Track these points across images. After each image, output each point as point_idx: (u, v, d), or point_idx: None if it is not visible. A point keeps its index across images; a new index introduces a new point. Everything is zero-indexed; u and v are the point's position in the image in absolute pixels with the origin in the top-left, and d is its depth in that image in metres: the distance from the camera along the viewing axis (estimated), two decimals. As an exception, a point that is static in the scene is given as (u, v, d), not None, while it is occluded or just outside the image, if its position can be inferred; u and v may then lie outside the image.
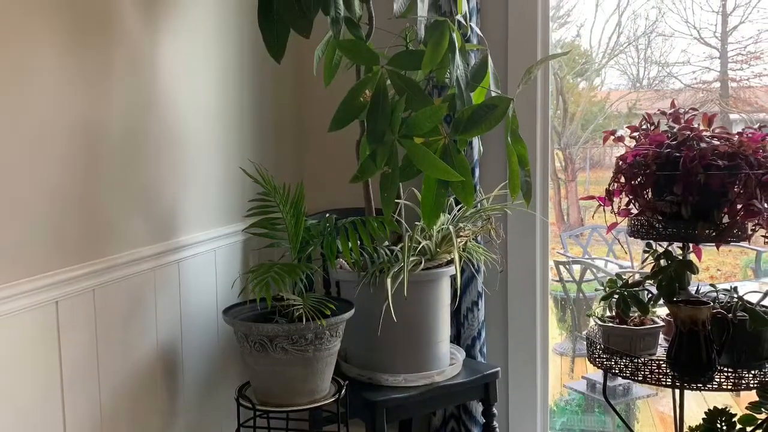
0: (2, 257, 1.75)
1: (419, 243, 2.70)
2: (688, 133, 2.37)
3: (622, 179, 2.47)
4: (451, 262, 2.74)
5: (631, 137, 2.54)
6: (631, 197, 2.47)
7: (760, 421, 2.34)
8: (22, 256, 1.81)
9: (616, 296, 2.46)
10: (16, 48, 1.79)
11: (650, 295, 2.48)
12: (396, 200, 2.53)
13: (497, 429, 2.93)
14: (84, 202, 2.03)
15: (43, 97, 1.87)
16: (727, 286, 2.51)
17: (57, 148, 1.92)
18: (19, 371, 1.81)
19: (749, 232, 2.37)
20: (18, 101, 1.79)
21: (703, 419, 2.40)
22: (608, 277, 2.60)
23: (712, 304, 2.29)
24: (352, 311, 2.49)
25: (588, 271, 5.97)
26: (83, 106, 2.02)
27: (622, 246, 6.38)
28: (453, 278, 2.74)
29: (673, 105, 2.54)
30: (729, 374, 2.26)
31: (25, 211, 1.82)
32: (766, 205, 2.28)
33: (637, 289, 2.47)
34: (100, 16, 2.08)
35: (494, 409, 2.92)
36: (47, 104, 1.88)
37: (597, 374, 4.71)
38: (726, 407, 2.40)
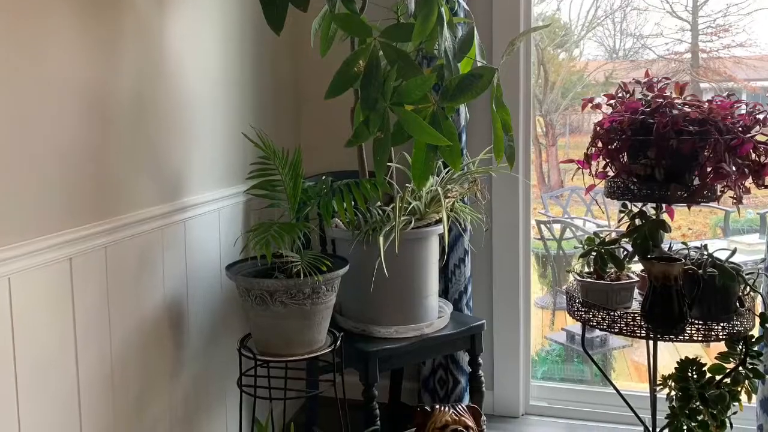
0: (20, 216, 1.72)
1: (410, 204, 2.66)
2: (661, 100, 2.33)
3: (600, 144, 2.42)
4: (439, 221, 2.70)
5: (608, 104, 2.49)
6: (607, 161, 2.43)
7: (728, 370, 2.33)
8: (38, 215, 1.78)
9: (594, 253, 2.44)
10: (34, 17, 1.75)
11: (626, 252, 2.45)
12: (388, 163, 2.48)
13: (482, 377, 2.90)
14: (95, 163, 1.98)
15: (56, 62, 1.83)
16: (697, 243, 2.48)
17: (70, 110, 1.87)
18: (36, 325, 1.78)
19: (718, 193, 2.35)
20: (34, 65, 1.75)
21: (676, 368, 2.39)
22: (586, 236, 2.56)
23: (683, 260, 2.26)
24: (347, 267, 2.45)
25: (567, 229, 5.94)
26: (95, 71, 1.97)
27: (599, 206, 6.35)
28: (441, 237, 2.71)
29: (647, 74, 2.49)
30: (699, 326, 2.23)
31: (41, 170, 1.78)
32: (734, 167, 2.24)
33: (613, 246, 2.44)
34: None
35: (480, 358, 2.89)
36: (61, 68, 1.84)
37: (576, 326, 4.68)
38: (697, 357, 2.37)
